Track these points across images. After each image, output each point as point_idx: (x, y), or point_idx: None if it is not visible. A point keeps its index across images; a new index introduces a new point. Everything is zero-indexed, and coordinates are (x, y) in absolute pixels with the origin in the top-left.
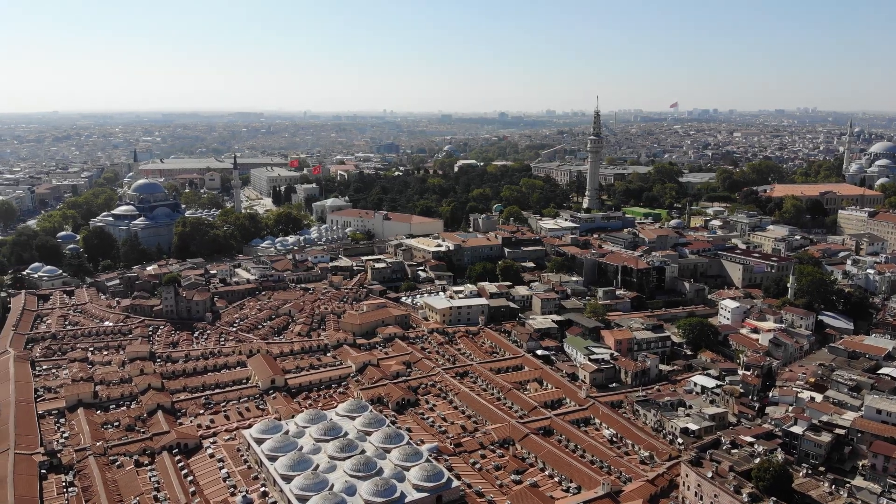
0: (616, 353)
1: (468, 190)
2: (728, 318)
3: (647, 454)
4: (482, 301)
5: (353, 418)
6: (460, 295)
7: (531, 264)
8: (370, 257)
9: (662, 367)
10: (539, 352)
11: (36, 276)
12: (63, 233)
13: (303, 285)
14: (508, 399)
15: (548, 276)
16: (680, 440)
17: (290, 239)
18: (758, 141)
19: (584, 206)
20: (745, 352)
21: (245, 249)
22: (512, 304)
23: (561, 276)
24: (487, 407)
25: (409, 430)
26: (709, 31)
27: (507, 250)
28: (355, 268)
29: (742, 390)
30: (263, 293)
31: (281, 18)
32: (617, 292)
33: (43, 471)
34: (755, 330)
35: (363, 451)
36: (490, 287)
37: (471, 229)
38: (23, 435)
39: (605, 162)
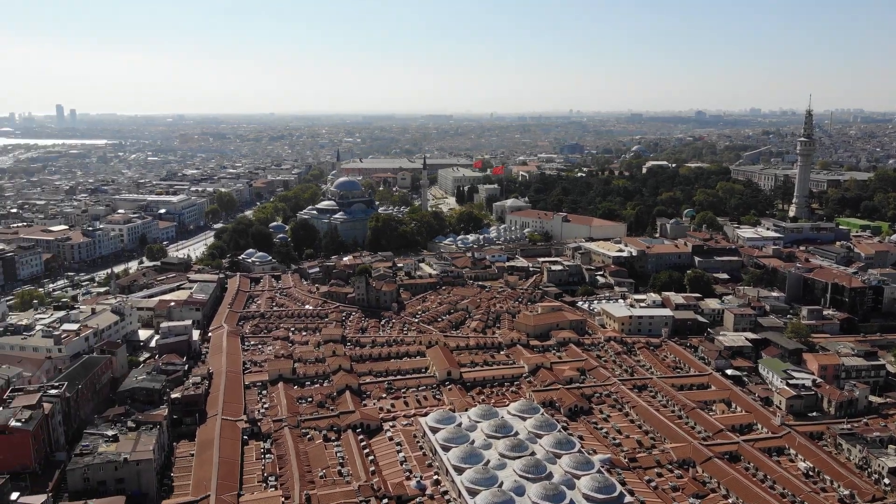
0: (819, 380)
1: (656, 193)
2: None
3: (847, 492)
4: (666, 312)
5: (523, 419)
6: (642, 304)
7: (725, 276)
8: (547, 259)
9: (873, 398)
10: (729, 371)
11: (249, 261)
12: (274, 223)
13: (480, 283)
14: (691, 418)
15: (744, 289)
16: (887, 481)
17: (471, 237)
18: None
19: (791, 214)
20: None
21: (429, 245)
22: (700, 318)
23: (759, 291)
24: (667, 424)
25: (580, 437)
26: None
27: (697, 259)
28: (531, 269)
29: None
30: (443, 288)
31: (470, 23)
32: (825, 312)
33: (245, 437)
34: None
35: (533, 453)
36: (676, 298)
37: (657, 235)
38: (230, 403)
39: (818, 166)
